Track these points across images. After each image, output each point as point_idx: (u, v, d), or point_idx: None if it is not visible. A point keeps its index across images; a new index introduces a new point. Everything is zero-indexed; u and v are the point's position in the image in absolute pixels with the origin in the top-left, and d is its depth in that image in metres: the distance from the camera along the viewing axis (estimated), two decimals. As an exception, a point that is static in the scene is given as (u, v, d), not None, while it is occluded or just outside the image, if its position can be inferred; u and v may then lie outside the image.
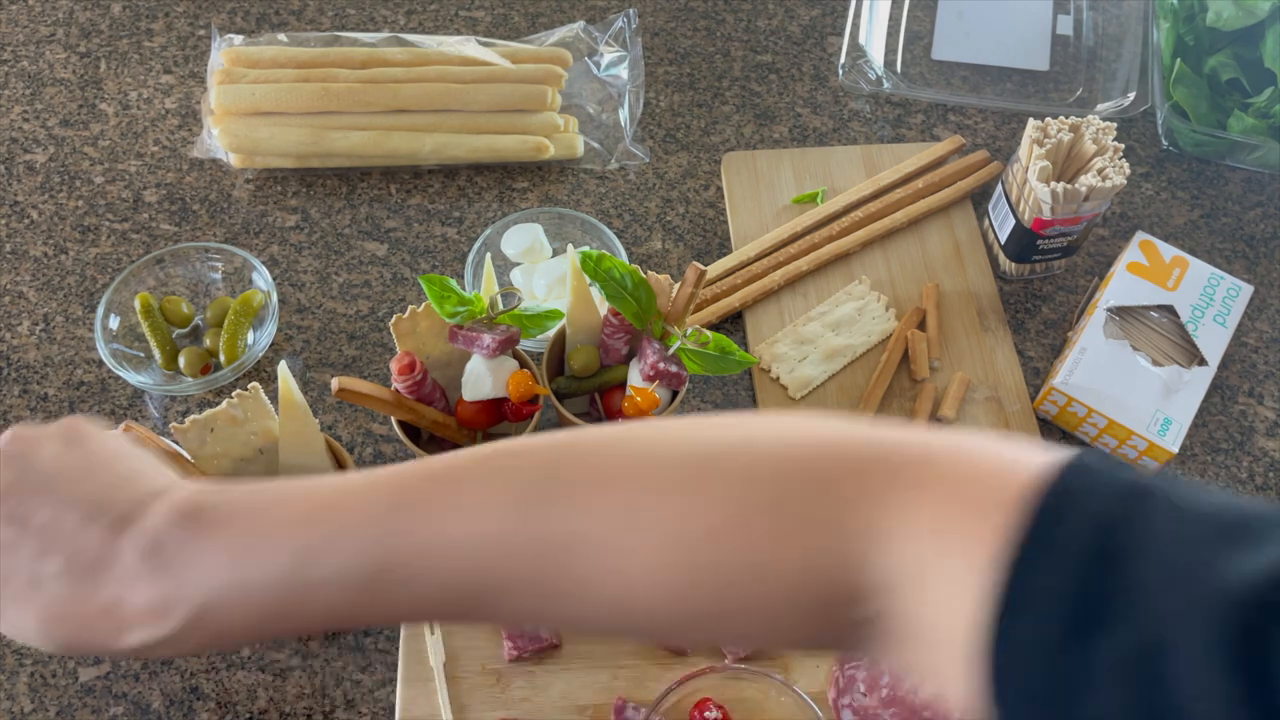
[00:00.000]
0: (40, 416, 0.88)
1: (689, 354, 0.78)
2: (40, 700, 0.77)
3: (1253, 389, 0.93)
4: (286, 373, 0.75)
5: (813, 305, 0.95)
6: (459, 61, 1.04)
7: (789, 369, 0.91)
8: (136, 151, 1.03)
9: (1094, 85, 1.10)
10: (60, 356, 0.91)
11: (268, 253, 0.97)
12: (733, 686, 0.74)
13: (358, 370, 0.92)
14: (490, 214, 1.01)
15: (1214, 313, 0.91)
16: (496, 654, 0.77)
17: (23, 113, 1.05)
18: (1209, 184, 1.05)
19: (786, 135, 1.07)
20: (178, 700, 0.77)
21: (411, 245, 0.98)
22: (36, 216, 0.99)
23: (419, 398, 0.79)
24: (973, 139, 1.07)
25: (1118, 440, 0.87)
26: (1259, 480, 0.89)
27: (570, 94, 1.07)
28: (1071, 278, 0.99)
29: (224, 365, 0.89)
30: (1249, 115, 1.01)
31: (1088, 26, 1.14)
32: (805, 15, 1.16)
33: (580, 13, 1.15)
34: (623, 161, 1.04)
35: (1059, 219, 0.90)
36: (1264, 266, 1.00)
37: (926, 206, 1.00)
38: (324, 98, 1.00)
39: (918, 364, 0.91)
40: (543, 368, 0.82)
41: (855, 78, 1.08)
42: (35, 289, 0.95)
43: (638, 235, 1.00)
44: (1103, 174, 0.88)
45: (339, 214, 1.00)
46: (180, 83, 1.08)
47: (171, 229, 0.99)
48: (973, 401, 0.90)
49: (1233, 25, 1.02)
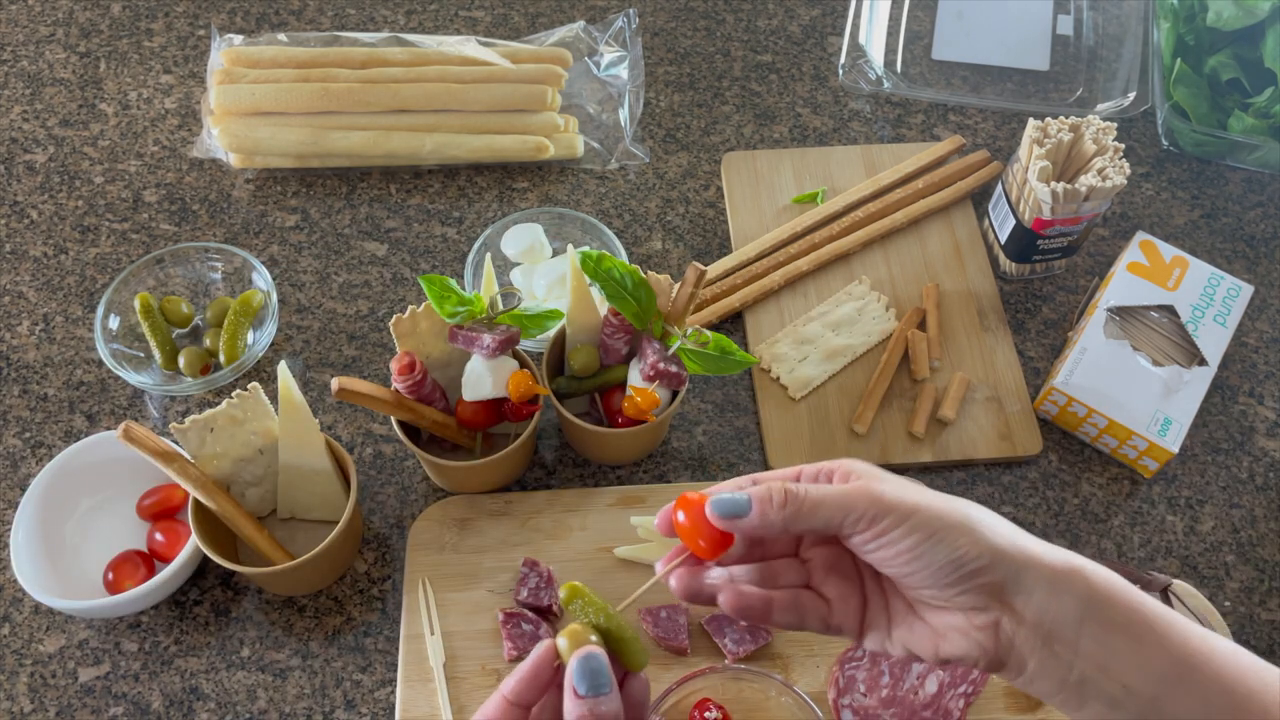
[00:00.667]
0: (40, 416, 0.88)
1: (689, 354, 0.78)
2: (40, 700, 0.77)
3: (1253, 389, 0.93)
4: (286, 373, 0.75)
5: (813, 305, 0.95)
6: (459, 61, 1.04)
7: (789, 369, 0.91)
8: (136, 151, 1.03)
9: (1094, 85, 1.10)
10: (60, 356, 0.91)
11: (268, 253, 0.97)
12: (733, 686, 0.74)
13: (358, 370, 0.92)
14: (490, 214, 1.01)
15: (1214, 313, 0.91)
16: (496, 654, 0.77)
17: (23, 113, 1.05)
18: (1209, 184, 1.05)
19: (786, 135, 1.07)
20: (178, 700, 0.77)
21: (411, 245, 0.98)
22: (36, 216, 0.99)
23: (419, 398, 0.79)
24: (973, 139, 1.07)
25: (1118, 440, 0.87)
26: (1259, 480, 0.89)
27: (570, 94, 1.07)
28: (1071, 278, 0.99)
29: (224, 365, 0.89)
30: (1249, 115, 1.01)
31: (1088, 26, 1.14)
32: (805, 15, 1.16)
33: (580, 13, 1.15)
34: (623, 161, 1.04)
35: (1059, 219, 0.90)
36: (1264, 266, 1.00)
37: (926, 206, 1.00)
38: (324, 98, 1.00)
39: (918, 364, 0.91)
40: (543, 368, 0.82)
41: (855, 78, 1.08)
42: (35, 289, 0.95)
43: (638, 235, 1.00)
44: (1103, 174, 0.87)
45: (339, 214, 1.00)
46: (180, 83, 1.08)
47: (171, 229, 0.99)
48: (973, 401, 0.90)
49: (1233, 25, 1.02)
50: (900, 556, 0.51)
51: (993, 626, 0.51)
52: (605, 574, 0.81)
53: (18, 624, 0.80)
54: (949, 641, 0.52)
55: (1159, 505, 0.87)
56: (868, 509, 0.51)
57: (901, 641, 0.54)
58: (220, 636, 0.79)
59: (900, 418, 0.89)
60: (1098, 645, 0.50)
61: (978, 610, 0.51)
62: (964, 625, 0.51)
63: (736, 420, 0.90)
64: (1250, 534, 0.86)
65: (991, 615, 0.51)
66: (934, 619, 0.52)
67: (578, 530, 0.82)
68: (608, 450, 0.86)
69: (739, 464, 0.88)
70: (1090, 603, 0.50)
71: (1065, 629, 0.50)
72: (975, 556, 0.50)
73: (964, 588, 0.51)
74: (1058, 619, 0.50)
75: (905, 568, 0.51)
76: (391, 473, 0.87)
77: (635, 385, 0.79)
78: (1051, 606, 0.50)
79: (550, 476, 0.87)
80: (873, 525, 0.51)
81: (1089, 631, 0.50)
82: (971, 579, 0.50)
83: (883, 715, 0.73)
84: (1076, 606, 0.50)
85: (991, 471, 0.88)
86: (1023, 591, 0.50)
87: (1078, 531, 0.86)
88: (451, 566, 0.80)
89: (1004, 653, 0.51)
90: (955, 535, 0.50)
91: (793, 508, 0.51)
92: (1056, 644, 0.50)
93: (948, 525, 0.51)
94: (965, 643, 0.51)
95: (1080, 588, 0.51)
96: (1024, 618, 0.50)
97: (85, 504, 0.82)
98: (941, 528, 0.51)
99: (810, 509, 0.51)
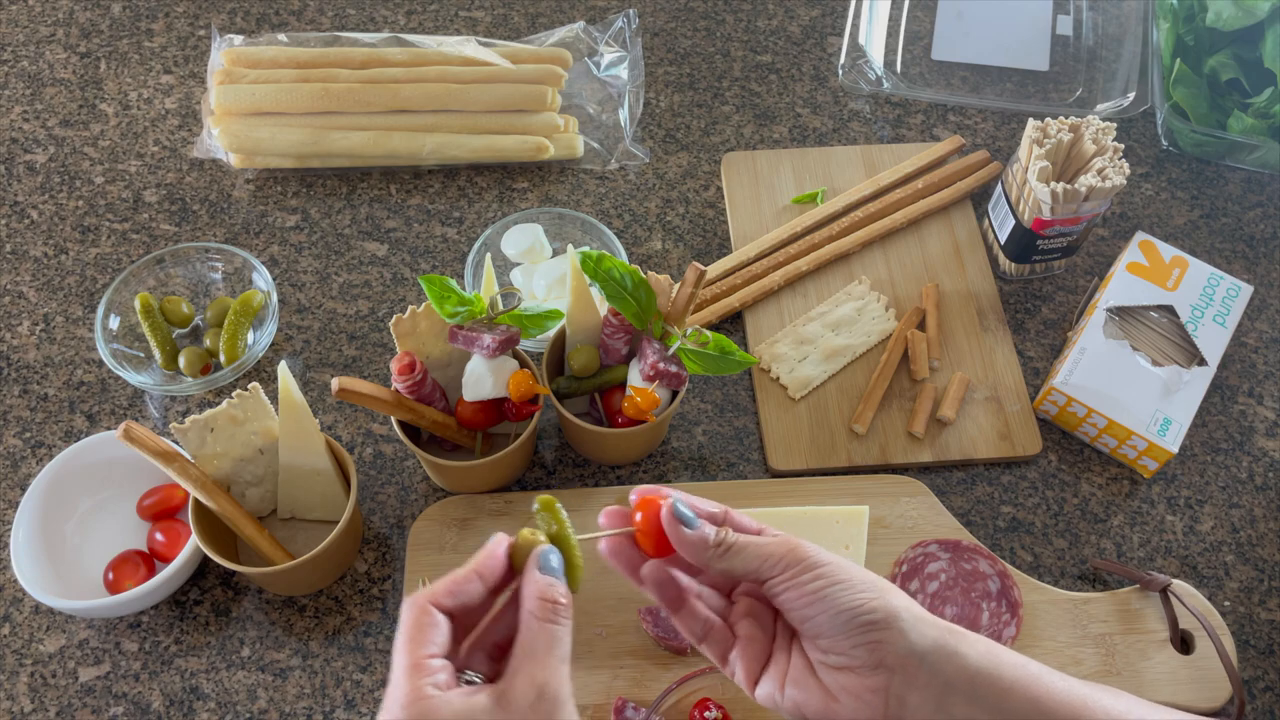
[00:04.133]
0: (40, 416, 0.88)
1: (689, 354, 0.78)
2: (40, 700, 0.77)
3: (1252, 389, 0.93)
4: (286, 373, 0.75)
5: (813, 305, 0.96)
6: (459, 62, 1.04)
7: (789, 369, 0.91)
8: (136, 152, 1.03)
9: (1094, 85, 1.10)
10: (60, 356, 0.91)
11: (268, 253, 0.97)
12: (733, 686, 0.74)
13: (358, 370, 0.92)
14: (490, 214, 1.01)
15: (1214, 313, 0.91)
16: (496, 654, 0.77)
17: (23, 113, 1.05)
18: (1209, 184, 1.05)
19: (786, 135, 1.07)
20: (178, 700, 0.77)
21: (411, 245, 0.98)
22: (36, 216, 0.99)
23: (419, 398, 0.79)
24: (973, 139, 1.07)
25: (1117, 440, 0.87)
26: (1259, 480, 0.89)
27: (570, 94, 1.07)
28: (1071, 278, 0.99)
29: (224, 365, 0.89)
30: (1249, 115, 1.01)
31: (1088, 26, 1.14)
32: (805, 15, 1.16)
33: (580, 13, 1.15)
34: (623, 161, 1.04)
35: (1059, 219, 0.90)
36: (1264, 266, 1.00)
37: (926, 206, 1.00)
38: (324, 98, 1.00)
39: (918, 364, 0.91)
40: (543, 368, 0.82)
41: (855, 78, 1.08)
42: (35, 289, 0.95)
43: (638, 235, 1.00)
44: (1103, 174, 0.88)
45: (339, 214, 1.00)
46: (180, 83, 1.08)
47: (171, 229, 0.99)
48: (973, 401, 0.90)
49: (1233, 25, 1.02)
50: (804, 598, 0.54)
51: (883, 690, 0.53)
52: (605, 574, 0.80)
53: (18, 624, 0.80)
54: (840, 703, 0.54)
55: (1158, 505, 0.87)
56: (785, 555, 0.55)
57: (793, 699, 0.55)
58: (220, 636, 0.79)
59: (900, 418, 0.89)
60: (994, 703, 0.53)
61: (869, 670, 0.53)
62: (855, 686, 0.53)
63: (736, 420, 0.90)
64: (1250, 534, 0.86)
65: (881, 677, 0.53)
66: (829, 679, 0.54)
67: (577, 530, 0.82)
68: (608, 450, 0.86)
69: (739, 464, 0.88)
70: (981, 661, 0.53)
71: (959, 689, 0.53)
72: (873, 609, 0.53)
73: (858, 640, 0.53)
74: (951, 679, 0.52)
75: (807, 609, 0.54)
76: (391, 473, 0.87)
77: (635, 385, 0.79)
78: (945, 668, 0.53)
79: (550, 476, 0.87)
80: (786, 570, 0.54)
81: (984, 691, 0.53)
82: (866, 632, 0.53)
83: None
84: (967, 667, 0.53)
85: (991, 471, 0.88)
86: (914, 654, 0.53)
87: (1077, 531, 0.86)
88: (452, 566, 0.79)
89: (895, 717, 0.53)
90: (860, 589, 0.54)
91: (722, 549, 0.55)
92: (951, 705, 0.52)
93: (855, 580, 0.54)
94: (856, 704, 0.53)
95: (968, 650, 0.53)
96: (917, 679, 0.52)
97: (85, 504, 0.82)
98: (849, 579, 0.54)
99: (736, 550, 0.55)
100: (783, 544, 0.56)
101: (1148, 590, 0.80)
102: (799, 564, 0.54)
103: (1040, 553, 0.85)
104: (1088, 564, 0.84)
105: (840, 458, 0.87)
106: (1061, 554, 0.85)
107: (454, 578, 0.53)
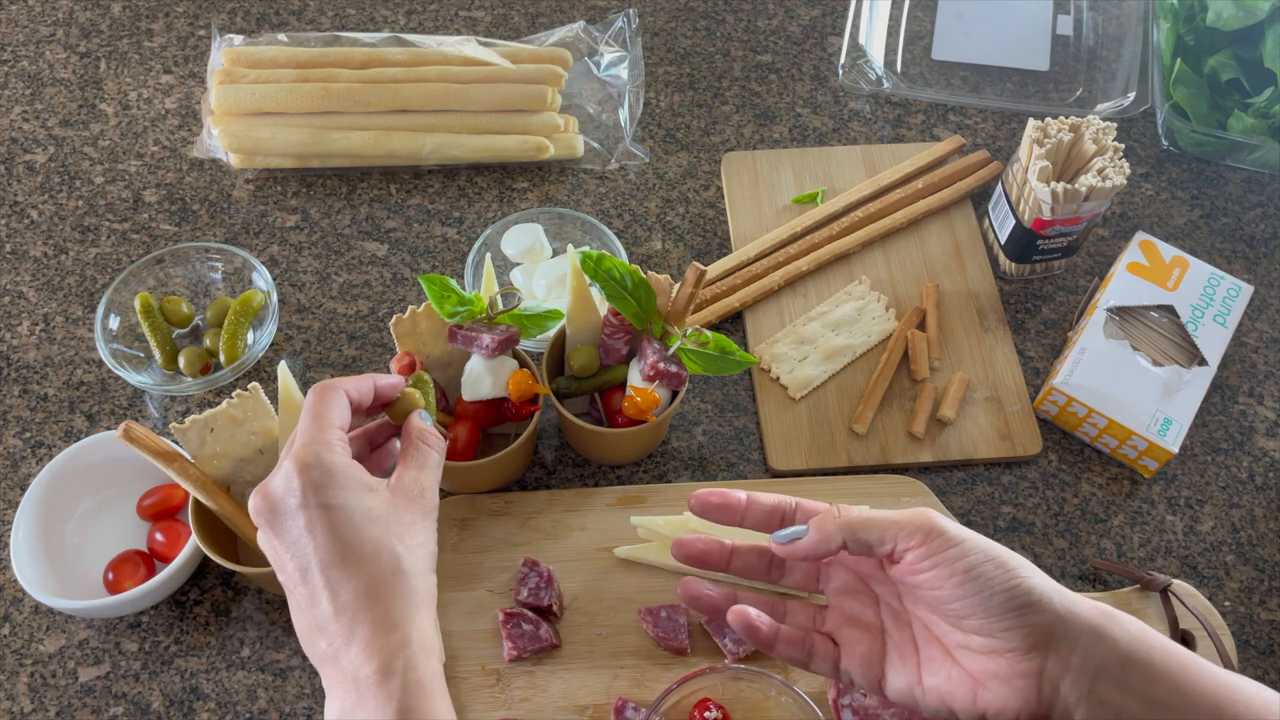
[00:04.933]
0: (40, 416, 0.88)
1: (689, 354, 0.78)
2: (40, 700, 0.77)
3: (1253, 389, 0.93)
4: (286, 373, 0.75)
5: (813, 305, 0.96)
6: (459, 61, 1.04)
7: (789, 369, 0.91)
8: (136, 152, 1.03)
9: (1094, 85, 1.10)
10: (60, 356, 0.91)
11: (268, 253, 0.97)
12: (733, 686, 0.74)
13: (358, 370, 0.92)
14: (490, 214, 1.01)
15: (1214, 313, 0.91)
16: (496, 654, 0.77)
17: (23, 113, 1.05)
18: (1209, 184, 1.05)
19: (786, 135, 1.07)
20: (178, 700, 0.77)
21: (411, 245, 0.98)
22: (36, 216, 0.99)
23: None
24: (973, 139, 1.07)
25: (1118, 440, 0.87)
26: (1259, 480, 0.89)
27: (570, 94, 1.07)
28: (1071, 278, 0.99)
29: (224, 365, 0.89)
30: (1249, 115, 1.01)
31: (1088, 26, 1.14)
32: (805, 15, 1.16)
33: (580, 13, 1.15)
34: (623, 161, 1.04)
35: (1059, 219, 0.90)
36: (1264, 266, 1.00)
37: (926, 206, 1.00)
38: (324, 98, 1.00)
39: (918, 364, 0.91)
40: (543, 368, 0.82)
41: (855, 78, 1.08)
42: (35, 289, 0.95)
43: (638, 235, 1.00)
44: (1103, 174, 0.88)
45: (339, 214, 1.00)
46: (180, 83, 1.08)
47: (171, 229, 0.99)
48: (973, 401, 0.90)
49: (1233, 25, 1.02)
50: (954, 579, 0.50)
51: (1036, 675, 0.49)
52: (605, 574, 0.81)
53: (18, 624, 0.80)
54: (989, 690, 0.50)
55: (1159, 505, 0.87)
56: (921, 526, 0.51)
57: (935, 689, 0.52)
58: (220, 636, 0.79)
59: (900, 418, 0.89)
60: (1142, 689, 0.49)
61: (1021, 653, 0.49)
62: (1006, 672, 0.50)
63: (736, 420, 0.90)
64: (1250, 534, 0.86)
65: (1035, 661, 0.49)
66: (973, 664, 0.51)
67: (578, 530, 0.82)
68: (608, 450, 0.86)
69: (739, 464, 0.88)
70: (1133, 644, 0.50)
71: (1110, 673, 0.49)
72: (1027, 591, 0.49)
73: (1012, 622, 0.49)
74: (1103, 663, 0.49)
75: (956, 590, 0.50)
76: (391, 473, 0.87)
77: (635, 385, 0.79)
78: (1096, 651, 0.49)
79: (550, 476, 0.87)
80: (927, 542, 0.51)
81: (1133, 676, 0.49)
82: (1022, 614, 0.49)
83: (883, 715, 0.73)
84: (1119, 650, 0.50)
85: (991, 471, 0.88)
86: (1068, 636, 0.49)
87: (1078, 531, 0.86)
88: (451, 566, 0.81)
89: (1048, 703, 0.50)
90: (1013, 567, 0.50)
91: (843, 520, 0.53)
92: (1102, 689, 0.49)
93: (1005, 557, 0.50)
94: (1007, 691, 0.50)
95: (1120, 632, 0.50)
96: (1070, 662, 0.49)
97: (85, 504, 0.82)
98: (999, 556, 0.50)
99: (862, 525, 0.52)
100: (918, 513, 0.52)
101: (1148, 590, 0.80)
102: (939, 536, 0.51)
103: (1040, 553, 0.85)
104: (1088, 564, 0.84)
105: (840, 458, 0.87)
106: (1062, 554, 0.85)
107: (358, 378, 0.64)
